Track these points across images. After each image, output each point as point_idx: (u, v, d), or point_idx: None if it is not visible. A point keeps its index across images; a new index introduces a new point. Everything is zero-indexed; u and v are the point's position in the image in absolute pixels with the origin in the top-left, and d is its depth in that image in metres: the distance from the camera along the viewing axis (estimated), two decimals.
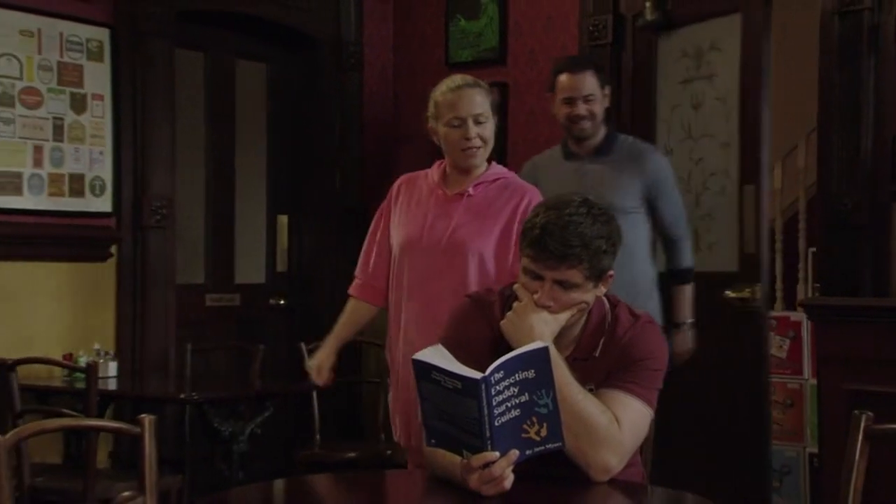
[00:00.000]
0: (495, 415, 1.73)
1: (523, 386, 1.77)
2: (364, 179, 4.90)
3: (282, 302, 4.90)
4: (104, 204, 4.12)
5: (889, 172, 3.52)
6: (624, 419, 1.91)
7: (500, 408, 1.75)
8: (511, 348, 1.86)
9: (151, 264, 4.23)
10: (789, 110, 5.22)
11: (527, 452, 1.78)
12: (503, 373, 1.75)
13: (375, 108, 5.05)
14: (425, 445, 1.90)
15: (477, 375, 1.72)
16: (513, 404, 1.76)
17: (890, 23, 3.51)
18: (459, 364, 1.78)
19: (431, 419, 1.82)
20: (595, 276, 1.93)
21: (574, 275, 1.91)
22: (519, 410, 1.77)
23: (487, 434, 1.73)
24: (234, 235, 4.82)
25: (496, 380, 1.73)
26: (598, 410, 1.90)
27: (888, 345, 3.02)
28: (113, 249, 4.16)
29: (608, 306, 2.04)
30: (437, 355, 1.81)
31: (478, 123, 2.57)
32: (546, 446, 1.80)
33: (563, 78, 3.24)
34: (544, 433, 1.79)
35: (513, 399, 1.76)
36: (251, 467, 3.78)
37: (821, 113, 3.73)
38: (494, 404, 1.73)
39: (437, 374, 1.76)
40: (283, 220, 4.97)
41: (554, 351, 1.87)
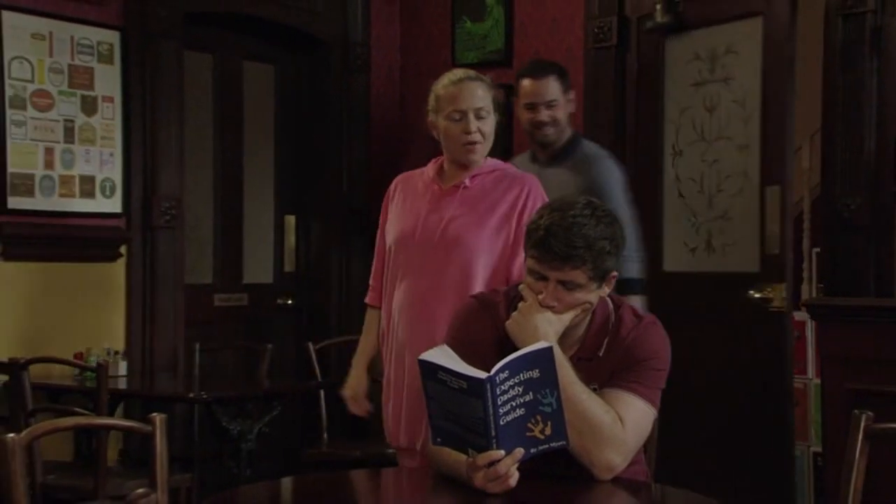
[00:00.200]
0: (500, 414, 1.76)
1: (528, 385, 1.79)
2: (371, 180, 4.93)
3: (289, 302, 4.93)
4: (114, 205, 4.15)
5: (892, 174, 3.53)
6: (627, 418, 1.94)
7: (505, 407, 1.77)
8: (516, 348, 1.88)
9: (160, 264, 4.27)
10: None
11: (531, 451, 1.81)
12: (508, 372, 1.77)
13: (382, 110, 5.08)
14: (431, 444, 1.92)
15: (482, 375, 1.74)
16: (517, 403, 1.79)
17: (893, 25, 3.53)
18: (465, 364, 1.81)
19: (437, 418, 1.84)
20: (599, 277, 1.96)
21: (578, 275, 1.93)
22: (523, 409, 1.80)
23: (493, 433, 1.75)
24: (242, 235, 4.85)
25: (501, 379, 1.76)
26: (602, 409, 1.92)
27: (890, 345, 3.03)
28: (122, 250, 4.19)
29: (612, 307, 2.06)
30: (443, 355, 1.84)
31: (479, 118, 2.50)
32: (550, 445, 1.83)
33: (526, 83, 3.18)
34: (549, 432, 1.81)
35: (517, 398, 1.79)
36: (259, 466, 3.81)
37: (824, 114, 3.75)
38: (499, 403, 1.75)
39: (443, 374, 1.78)
40: (291, 221, 5.00)
41: (558, 351, 1.90)
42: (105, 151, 4.12)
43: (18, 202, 3.85)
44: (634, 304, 3.29)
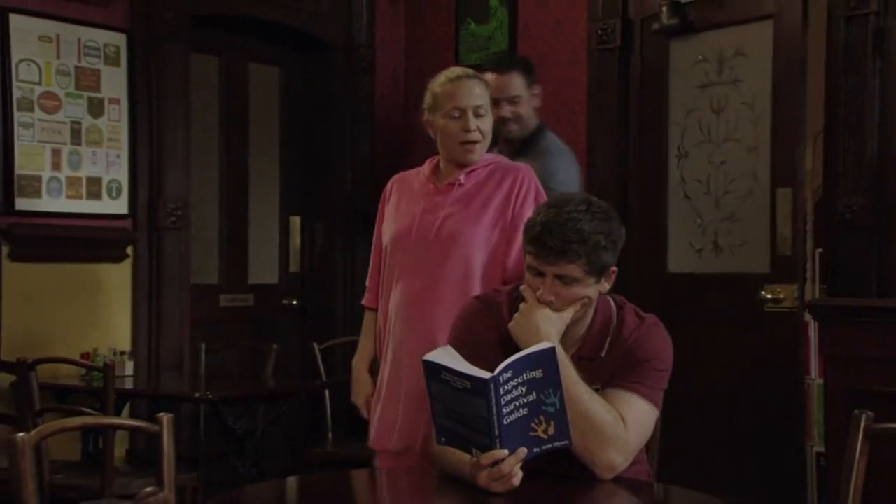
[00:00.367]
0: (504, 414, 1.77)
1: (531, 385, 1.81)
2: (375, 181, 4.94)
3: (294, 302, 4.95)
4: (120, 206, 4.18)
5: (894, 175, 3.55)
6: (629, 418, 1.95)
7: (509, 407, 1.78)
8: (519, 348, 1.90)
9: (166, 265, 4.29)
10: None
11: (534, 450, 1.82)
12: (511, 372, 1.79)
13: (386, 111, 5.10)
14: (434, 444, 1.94)
15: (486, 375, 1.76)
16: (521, 403, 1.81)
17: (895, 27, 3.54)
18: (468, 364, 1.83)
19: (441, 418, 1.86)
20: (595, 272, 1.98)
21: (574, 269, 1.95)
22: (527, 409, 1.81)
23: (496, 432, 1.77)
24: (248, 236, 4.87)
25: (504, 379, 1.77)
26: (604, 409, 1.93)
27: (892, 345, 3.04)
28: (129, 250, 4.21)
29: (614, 308, 2.08)
30: (447, 356, 1.86)
31: (478, 116, 2.47)
32: (553, 444, 1.84)
33: (489, 77, 3.10)
34: (552, 431, 1.83)
35: (521, 398, 1.80)
36: (264, 465, 3.83)
37: (827, 116, 3.76)
38: (503, 403, 1.77)
39: (447, 375, 1.80)
40: (296, 222, 5.02)
41: (560, 350, 1.91)
42: (111, 153, 4.14)
43: (26, 203, 3.88)
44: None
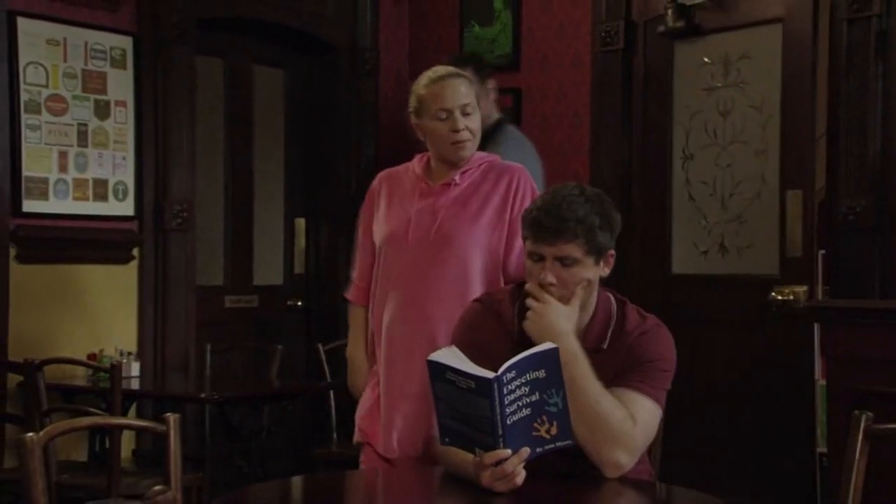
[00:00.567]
0: (507, 413, 1.79)
1: (534, 385, 1.83)
2: None
3: (299, 303, 4.96)
4: (126, 208, 4.20)
5: None
6: (637, 417, 1.97)
7: (512, 406, 1.80)
8: (525, 346, 1.91)
9: (172, 266, 4.31)
10: None
11: (537, 450, 1.84)
12: (515, 372, 1.80)
13: (390, 113, 5.11)
14: (439, 444, 1.96)
15: (490, 375, 1.77)
16: (524, 403, 1.82)
17: None
18: (473, 364, 1.84)
19: (445, 418, 1.87)
20: (594, 251, 2.00)
21: (572, 249, 1.98)
22: (530, 409, 1.83)
23: (500, 432, 1.78)
24: (253, 238, 4.89)
25: (508, 379, 1.79)
26: (615, 406, 1.95)
27: (895, 346, 3.05)
28: (135, 252, 4.23)
29: (615, 302, 2.10)
30: (451, 356, 1.87)
31: (465, 115, 2.44)
32: (556, 444, 1.86)
33: None
34: (554, 431, 1.85)
35: (524, 398, 1.82)
36: (269, 465, 3.85)
37: (830, 118, 3.77)
38: (506, 403, 1.78)
39: (452, 375, 1.81)
40: (301, 223, 5.04)
41: (576, 344, 1.93)
42: (118, 155, 4.17)
43: (33, 205, 3.90)
44: None
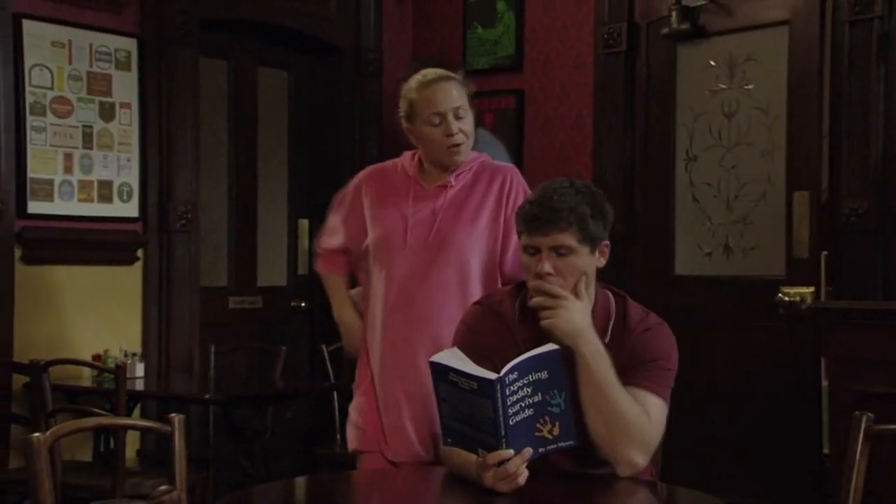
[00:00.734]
0: (510, 414, 1.80)
1: (536, 386, 1.84)
2: None
3: (303, 304, 4.97)
4: (131, 209, 4.21)
5: None
6: (650, 415, 1.98)
7: (515, 407, 1.81)
8: (528, 347, 1.92)
9: (176, 268, 4.32)
10: None
11: (540, 450, 1.85)
12: (517, 373, 1.82)
13: (394, 114, 5.10)
14: (442, 445, 1.98)
15: (492, 376, 1.78)
16: (526, 404, 1.83)
17: None
18: (475, 365, 1.85)
19: (448, 419, 1.88)
20: (588, 240, 2.02)
21: (567, 238, 2.00)
22: (532, 410, 1.84)
23: (502, 433, 1.79)
24: (257, 239, 4.90)
25: (510, 380, 1.80)
26: (632, 403, 1.95)
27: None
28: (139, 253, 4.25)
29: (612, 296, 2.12)
30: (454, 357, 1.89)
31: (458, 118, 2.41)
32: (558, 444, 1.87)
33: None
34: (557, 432, 1.86)
35: (527, 399, 1.83)
36: (273, 465, 3.87)
37: (832, 119, 3.78)
38: (509, 404, 1.80)
39: (455, 376, 1.83)
40: (304, 224, 5.04)
41: (596, 341, 1.94)
42: (122, 157, 4.18)
43: (38, 207, 3.92)
44: None
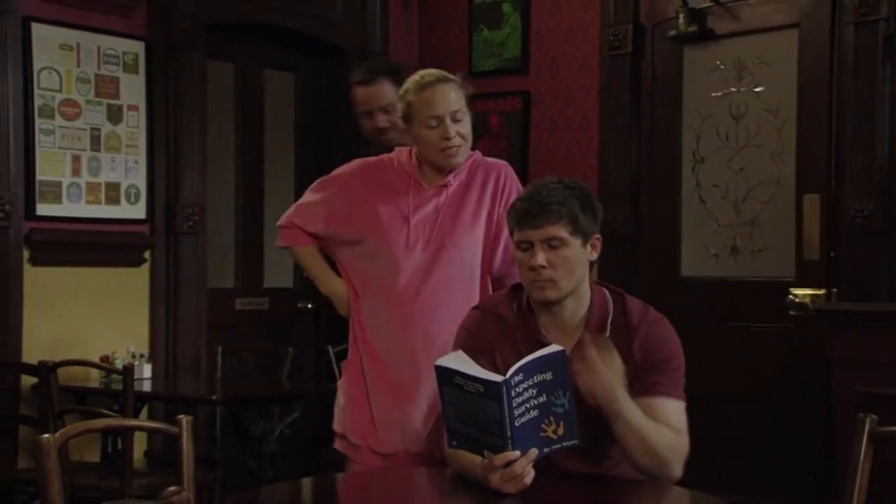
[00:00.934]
0: (515, 416, 1.81)
1: (541, 387, 1.85)
2: None
3: (309, 305, 4.98)
4: (138, 211, 4.24)
5: None
6: (673, 422, 2.01)
7: (520, 409, 1.82)
8: (528, 347, 1.94)
9: (183, 269, 4.34)
10: None
11: (545, 450, 1.86)
12: (522, 375, 1.83)
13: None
14: (447, 447, 1.99)
15: (498, 378, 1.80)
16: (531, 405, 1.84)
17: None
18: (480, 368, 1.87)
19: (453, 422, 1.89)
20: (580, 233, 2.05)
21: (558, 230, 2.03)
22: (537, 411, 1.85)
23: (508, 434, 1.81)
24: (263, 241, 4.90)
25: (516, 382, 1.81)
26: (664, 434, 1.98)
27: None
28: (147, 255, 4.26)
29: (607, 291, 2.14)
30: (459, 360, 1.90)
31: (456, 121, 2.38)
32: (563, 444, 1.88)
33: (359, 91, 3.03)
34: (561, 432, 1.87)
35: (532, 400, 1.84)
36: (280, 466, 3.88)
37: (837, 121, 3.79)
38: (514, 405, 1.81)
39: (460, 379, 1.84)
40: None
41: (629, 401, 1.94)
42: (130, 159, 4.20)
43: (46, 209, 3.94)
44: None
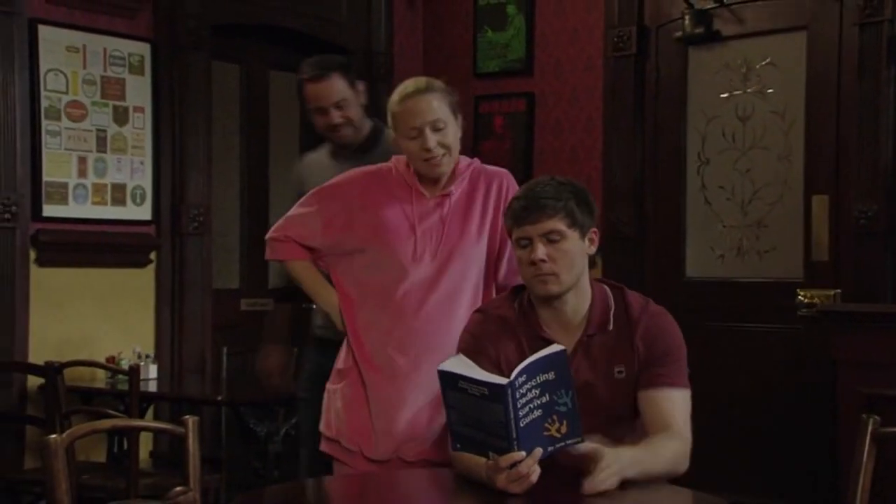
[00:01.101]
0: (520, 416, 1.82)
1: (544, 387, 1.86)
2: None
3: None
4: (144, 212, 4.26)
5: None
6: (678, 415, 2.03)
7: (524, 409, 1.83)
8: (531, 347, 1.95)
9: (189, 270, 4.36)
10: None
11: (549, 449, 1.87)
12: (526, 376, 1.83)
13: None
14: (451, 449, 2.00)
15: (503, 381, 1.81)
16: (535, 405, 1.85)
17: None
18: (484, 371, 1.88)
19: (458, 426, 1.90)
20: (577, 225, 2.06)
21: (556, 223, 2.04)
22: (541, 410, 1.86)
23: (513, 435, 1.81)
24: None
25: (520, 383, 1.82)
26: (668, 449, 1.99)
27: None
28: (152, 256, 4.28)
29: (609, 289, 2.15)
30: (461, 364, 1.91)
31: (436, 130, 2.33)
32: (566, 442, 1.89)
33: (309, 88, 2.92)
34: (564, 430, 1.88)
35: (535, 400, 1.85)
36: (285, 466, 3.89)
37: (841, 122, 3.79)
38: (519, 406, 1.81)
39: (464, 383, 1.84)
40: None
41: (625, 451, 1.95)
42: (136, 160, 4.22)
43: (53, 210, 3.96)
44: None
